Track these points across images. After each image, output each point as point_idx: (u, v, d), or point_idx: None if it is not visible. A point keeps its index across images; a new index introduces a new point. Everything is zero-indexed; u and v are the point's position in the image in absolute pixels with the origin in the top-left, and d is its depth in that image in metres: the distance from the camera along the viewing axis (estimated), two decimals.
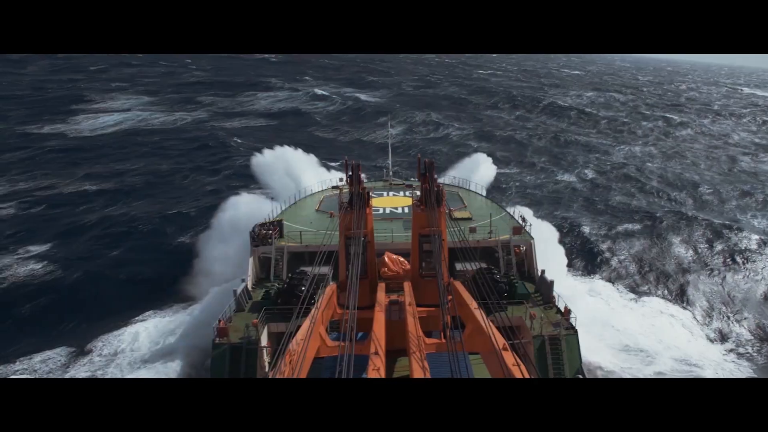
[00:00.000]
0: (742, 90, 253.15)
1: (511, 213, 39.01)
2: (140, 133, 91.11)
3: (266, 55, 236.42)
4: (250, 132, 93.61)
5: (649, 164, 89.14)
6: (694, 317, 40.84)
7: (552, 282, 29.41)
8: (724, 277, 47.39)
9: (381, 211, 40.43)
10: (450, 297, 22.95)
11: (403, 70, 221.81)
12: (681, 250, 52.54)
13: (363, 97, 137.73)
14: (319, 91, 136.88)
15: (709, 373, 32.54)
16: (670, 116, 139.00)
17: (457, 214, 37.68)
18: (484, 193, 44.81)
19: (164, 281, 40.01)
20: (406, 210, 39.68)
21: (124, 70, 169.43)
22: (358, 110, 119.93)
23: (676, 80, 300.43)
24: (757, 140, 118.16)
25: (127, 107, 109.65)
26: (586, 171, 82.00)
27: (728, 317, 40.99)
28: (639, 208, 64.97)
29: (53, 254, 45.31)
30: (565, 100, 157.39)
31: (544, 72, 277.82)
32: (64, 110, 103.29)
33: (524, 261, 33.87)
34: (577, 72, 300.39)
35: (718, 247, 52.92)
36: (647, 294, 44.01)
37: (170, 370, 28.66)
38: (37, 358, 31.29)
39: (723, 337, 38.39)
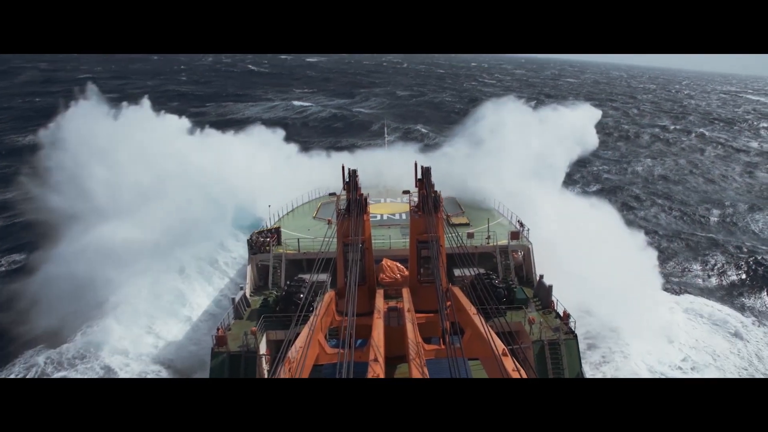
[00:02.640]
0: (741, 96, 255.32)
1: (509, 218, 39.08)
2: None
3: (254, 69, 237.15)
4: None
5: (666, 175, 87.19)
6: None
7: (551, 287, 29.43)
8: None
9: (378, 217, 40.42)
10: (449, 303, 22.87)
11: (392, 81, 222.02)
12: None
13: (354, 107, 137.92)
14: (307, 103, 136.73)
15: None
16: (682, 126, 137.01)
17: (454, 220, 37.84)
18: (483, 199, 44.91)
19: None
20: (404, 216, 39.65)
21: (112, 81, 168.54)
22: (347, 118, 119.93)
23: (672, 87, 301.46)
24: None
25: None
26: (589, 186, 79.06)
27: None
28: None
29: (37, 260, 44.78)
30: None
31: (539, 82, 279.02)
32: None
33: (522, 266, 33.93)
34: (570, 80, 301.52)
35: None
36: None
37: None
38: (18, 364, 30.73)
39: None
